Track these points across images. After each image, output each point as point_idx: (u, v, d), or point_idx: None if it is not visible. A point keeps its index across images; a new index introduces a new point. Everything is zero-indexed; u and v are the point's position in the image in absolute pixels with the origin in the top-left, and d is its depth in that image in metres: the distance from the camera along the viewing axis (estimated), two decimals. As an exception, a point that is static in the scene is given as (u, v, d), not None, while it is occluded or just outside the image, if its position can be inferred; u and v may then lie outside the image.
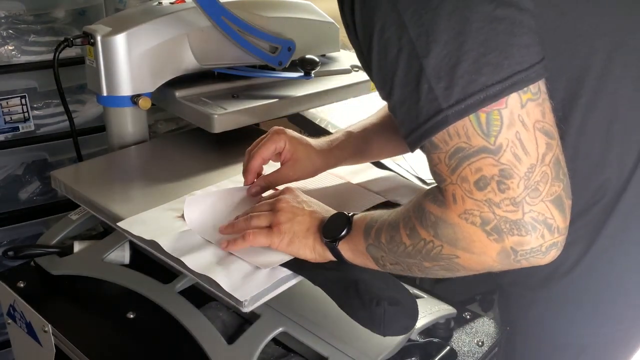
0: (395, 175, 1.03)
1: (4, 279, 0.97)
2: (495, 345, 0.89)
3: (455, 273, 0.63)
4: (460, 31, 0.54)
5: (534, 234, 0.56)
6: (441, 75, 0.55)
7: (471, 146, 0.56)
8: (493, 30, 0.54)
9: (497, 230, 0.57)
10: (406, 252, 0.64)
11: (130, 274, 0.92)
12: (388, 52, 0.59)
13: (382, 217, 0.69)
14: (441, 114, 0.56)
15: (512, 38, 0.55)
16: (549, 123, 0.57)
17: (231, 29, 1.09)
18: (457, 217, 0.58)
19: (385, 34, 0.58)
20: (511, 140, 0.55)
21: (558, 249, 0.58)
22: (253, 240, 0.75)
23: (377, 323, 0.70)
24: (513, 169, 0.55)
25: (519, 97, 0.55)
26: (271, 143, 0.87)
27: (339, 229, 0.71)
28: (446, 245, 0.60)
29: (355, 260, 0.72)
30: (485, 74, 0.54)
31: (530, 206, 0.55)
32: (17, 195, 1.48)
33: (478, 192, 0.56)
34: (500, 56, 0.54)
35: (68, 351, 0.86)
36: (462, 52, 0.55)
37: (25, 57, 1.38)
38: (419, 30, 0.56)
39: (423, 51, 0.56)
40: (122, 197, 0.92)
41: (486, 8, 0.54)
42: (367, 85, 1.28)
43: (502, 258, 0.58)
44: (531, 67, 0.55)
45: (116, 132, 1.12)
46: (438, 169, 0.59)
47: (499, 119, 0.55)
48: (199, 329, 0.81)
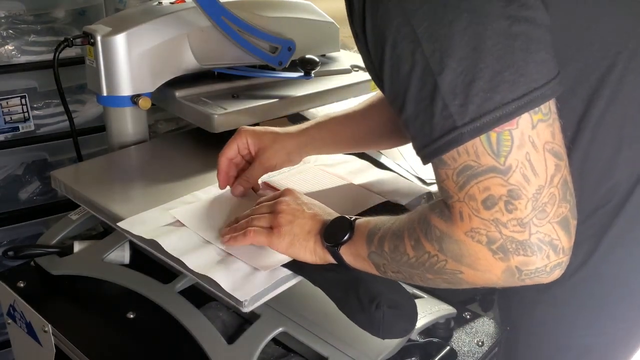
0: (395, 175, 1.03)
1: (4, 279, 0.97)
2: (495, 345, 0.89)
3: (458, 286, 0.64)
4: (476, 48, 0.54)
5: (539, 254, 0.56)
6: (456, 92, 0.55)
7: (480, 165, 0.56)
8: (509, 47, 0.54)
9: (503, 250, 0.57)
10: (409, 263, 0.64)
11: (130, 274, 0.92)
12: (400, 67, 0.58)
13: (385, 225, 0.68)
14: (456, 132, 0.56)
15: (527, 55, 0.55)
16: (558, 144, 0.57)
17: (231, 29, 1.09)
18: (463, 234, 0.58)
19: (397, 48, 0.58)
20: (521, 161, 0.55)
21: (562, 269, 0.58)
22: (254, 237, 0.75)
23: (376, 326, 0.70)
24: (521, 189, 0.55)
25: (530, 117, 0.55)
26: (233, 142, 0.89)
27: (341, 233, 0.71)
28: (450, 260, 0.60)
29: (356, 265, 0.72)
30: (501, 92, 0.54)
31: (537, 227, 0.56)
32: (17, 195, 1.48)
33: (485, 211, 0.56)
34: (516, 73, 0.54)
35: (68, 351, 0.86)
36: (477, 69, 0.54)
37: (25, 57, 1.38)
38: (433, 46, 0.55)
39: (437, 68, 0.55)
40: (122, 197, 0.92)
41: (501, 24, 0.54)
42: (367, 85, 1.28)
43: (507, 276, 0.58)
44: (547, 84, 0.55)
45: (116, 132, 1.12)
46: (445, 185, 0.59)
47: (509, 139, 0.55)
48: (199, 329, 0.81)
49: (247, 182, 0.90)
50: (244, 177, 0.90)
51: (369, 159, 1.11)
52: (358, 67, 1.33)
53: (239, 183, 0.89)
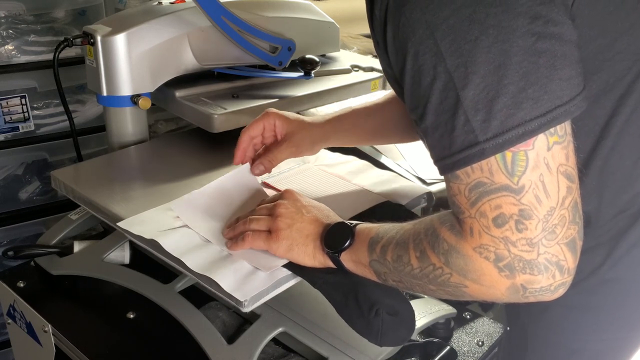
0: (395, 175, 1.03)
1: (4, 279, 0.97)
2: (495, 345, 0.89)
3: (460, 299, 0.64)
4: (500, 64, 0.54)
5: (545, 274, 0.57)
6: (478, 107, 0.55)
7: (493, 182, 0.56)
8: (533, 64, 0.54)
9: (509, 268, 0.57)
10: (412, 274, 0.64)
11: (130, 274, 0.92)
12: (422, 79, 0.58)
13: (388, 234, 0.68)
14: (477, 147, 0.56)
15: (553, 72, 0.54)
16: (571, 166, 0.57)
17: (231, 29, 1.09)
18: (472, 249, 0.58)
19: (419, 59, 0.57)
20: (534, 182, 0.55)
21: (565, 288, 0.59)
22: (252, 242, 0.75)
23: (374, 333, 0.70)
24: (533, 210, 0.55)
25: (546, 139, 0.55)
26: (260, 122, 0.89)
27: (342, 240, 0.71)
28: (455, 274, 0.60)
29: (357, 271, 0.71)
30: (525, 109, 0.54)
31: (546, 248, 0.56)
32: (17, 195, 1.48)
33: (496, 228, 0.57)
34: (540, 90, 0.54)
35: (68, 351, 0.86)
36: (501, 85, 0.54)
37: (25, 57, 1.38)
38: (458, 62, 0.55)
39: (461, 82, 0.55)
40: (122, 197, 0.92)
41: (527, 41, 0.54)
42: (367, 85, 1.28)
43: (511, 293, 0.58)
44: (571, 101, 0.55)
45: (116, 132, 1.12)
46: (457, 199, 0.59)
47: (524, 159, 0.55)
48: (199, 329, 0.81)
49: (270, 162, 0.89)
50: (268, 157, 0.89)
51: (369, 159, 1.11)
52: (358, 67, 1.33)
53: (260, 162, 0.89)
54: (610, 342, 0.81)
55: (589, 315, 0.80)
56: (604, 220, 0.74)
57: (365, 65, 1.34)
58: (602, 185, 0.72)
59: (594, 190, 0.72)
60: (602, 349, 0.82)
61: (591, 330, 0.80)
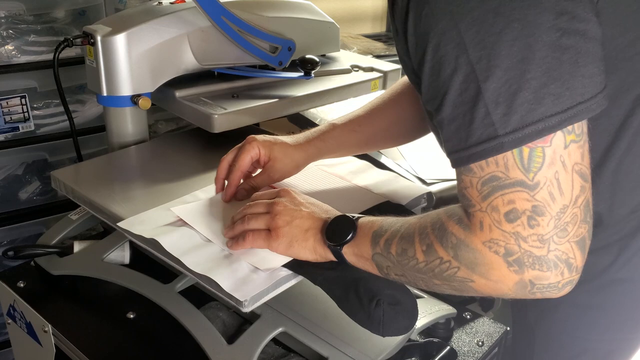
0: (395, 175, 1.03)
1: (4, 279, 0.97)
2: (496, 345, 0.89)
3: (464, 294, 0.64)
4: (524, 58, 0.54)
5: (555, 270, 0.57)
6: (500, 101, 0.55)
7: (508, 177, 0.56)
8: (557, 60, 0.54)
9: (519, 263, 0.57)
10: (417, 268, 0.64)
11: (130, 274, 0.92)
12: (442, 69, 0.58)
13: (392, 227, 0.68)
14: (496, 140, 0.56)
15: (576, 68, 0.54)
16: (586, 166, 0.57)
17: (231, 29, 1.09)
18: (481, 243, 0.58)
19: (440, 50, 0.57)
20: (549, 179, 0.55)
21: (572, 286, 0.59)
22: (252, 241, 0.75)
23: (376, 324, 0.70)
24: (546, 207, 0.55)
25: (563, 137, 0.55)
26: (245, 154, 0.88)
27: (344, 233, 0.71)
28: (464, 268, 0.60)
29: (358, 264, 0.71)
30: (546, 105, 0.54)
31: (557, 245, 0.56)
32: (17, 195, 1.48)
33: (507, 223, 0.57)
34: (562, 87, 0.54)
35: (68, 351, 0.86)
36: (523, 79, 0.54)
37: (25, 57, 1.38)
38: (480, 54, 0.55)
39: (483, 75, 0.55)
40: (122, 197, 0.92)
41: (551, 36, 0.54)
42: (367, 85, 1.28)
43: (518, 288, 0.59)
44: (592, 98, 0.55)
45: (116, 132, 1.12)
46: (468, 192, 0.59)
47: (541, 156, 0.55)
48: (199, 329, 0.81)
49: (253, 189, 0.89)
50: (251, 183, 0.89)
51: (369, 159, 1.11)
52: (358, 67, 1.33)
53: (242, 187, 0.89)
54: (621, 342, 0.81)
55: (600, 315, 0.80)
56: (615, 220, 0.74)
57: (365, 65, 1.34)
58: (615, 186, 0.72)
59: (607, 190, 0.72)
60: (612, 348, 0.82)
61: (603, 329, 0.80)
